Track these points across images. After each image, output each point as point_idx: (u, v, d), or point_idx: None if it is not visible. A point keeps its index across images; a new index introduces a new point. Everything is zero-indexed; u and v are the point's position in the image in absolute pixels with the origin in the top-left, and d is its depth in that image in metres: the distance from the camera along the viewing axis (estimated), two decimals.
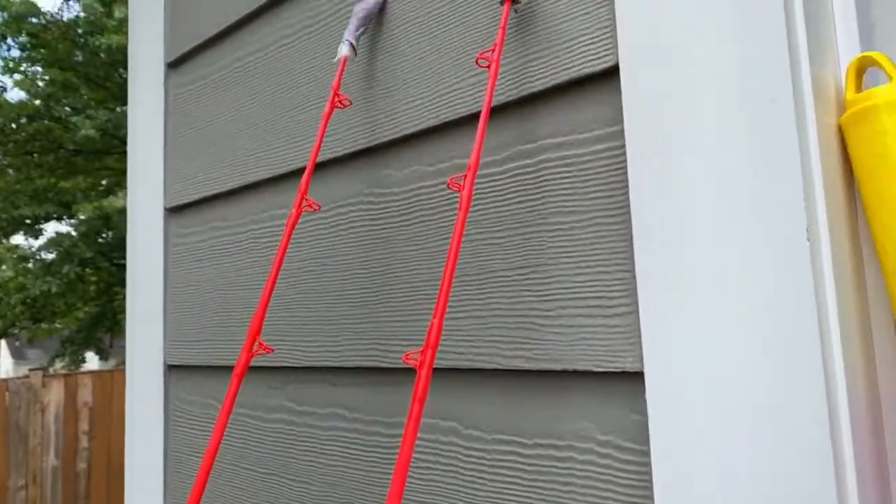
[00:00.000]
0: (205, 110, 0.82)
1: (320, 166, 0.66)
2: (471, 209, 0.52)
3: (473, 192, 0.47)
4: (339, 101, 0.56)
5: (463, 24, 0.54)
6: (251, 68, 0.76)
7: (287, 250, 0.67)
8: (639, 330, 0.42)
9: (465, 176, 0.42)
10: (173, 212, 0.87)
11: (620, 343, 0.43)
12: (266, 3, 0.73)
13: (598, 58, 0.45)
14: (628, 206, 0.43)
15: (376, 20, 0.61)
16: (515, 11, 0.50)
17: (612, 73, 0.45)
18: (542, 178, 0.48)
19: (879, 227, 0.39)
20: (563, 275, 0.46)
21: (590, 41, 0.46)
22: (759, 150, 0.37)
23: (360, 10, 0.59)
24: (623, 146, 0.44)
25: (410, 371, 0.56)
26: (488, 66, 0.46)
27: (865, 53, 0.41)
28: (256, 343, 0.48)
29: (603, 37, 0.45)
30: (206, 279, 0.80)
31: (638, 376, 0.42)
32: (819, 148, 0.38)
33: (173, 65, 0.88)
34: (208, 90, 0.82)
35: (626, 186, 0.43)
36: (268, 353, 0.48)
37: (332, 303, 0.64)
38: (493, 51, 0.46)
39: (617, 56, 0.44)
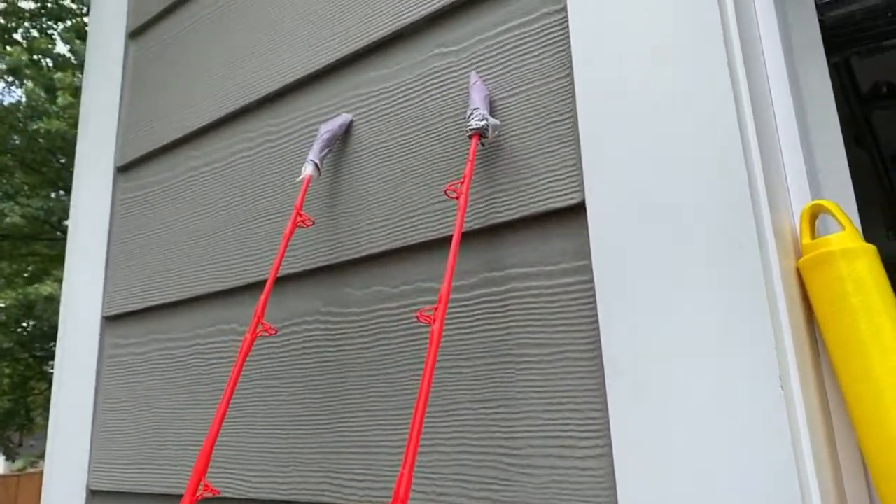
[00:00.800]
0: (154, 217, 0.79)
1: (276, 282, 0.64)
2: None
3: None
4: (302, 221, 0.55)
5: (430, 151, 0.55)
6: (207, 178, 0.74)
7: (229, 368, 0.63)
8: (613, 474, 0.40)
9: (436, 308, 0.41)
10: (111, 320, 0.82)
11: (593, 487, 0.41)
12: (226, 115, 0.73)
13: (565, 194, 0.46)
14: (599, 341, 0.42)
15: (341, 141, 0.62)
16: (482, 145, 0.51)
17: (578, 208, 0.45)
18: (510, 308, 0.48)
19: (842, 363, 0.39)
20: (532, 410, 0.45)
21: (556, 178, 0.47)
22: (728, 294, 0.38)
23: (325, 132, 0.59)
24: (591, 281, 0.44)
25: None
26: (457, 198, 0.47)
27: (818, 201, 0.43)
28: (202, 485, 0.43)
29: (569, 174, 0.46)
30: (144, 395, 0.74)
31: None
32: (784, 290, 0.38)
33: (123, 169, 0.86)
34: (160, 197, 0.79)
35: (596, 321, 0.43)
36: (214, 495, 0.43)
37: (281, 429, 0.60)
38: (462, 183, 0.47)
39: (583, 193, 0.45)
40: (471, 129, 0.48)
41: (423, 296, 0.53)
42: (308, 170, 0.57)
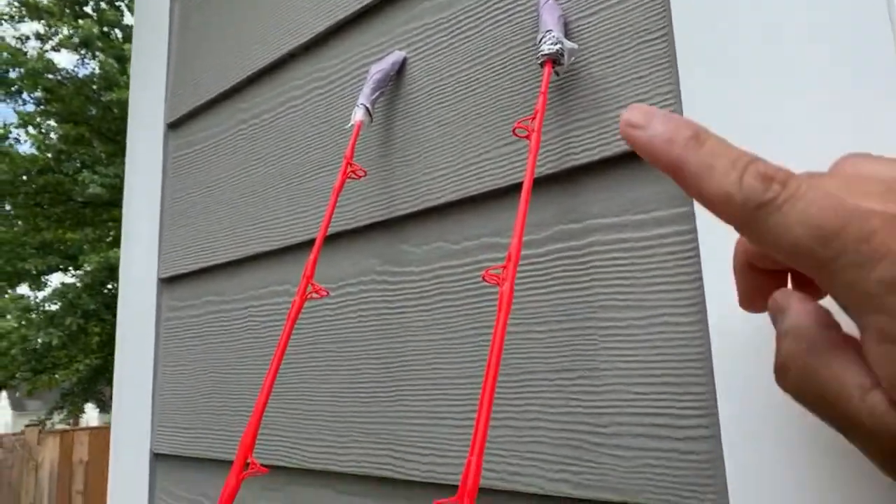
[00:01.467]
0: (205, 174, 0.76)
1: (329, 239, 0.59)
2: None
3: None
4: (353, 172, 0.49)
5: (494, 87, 0.48)
6: (256, 131, 0.70)
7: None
8: (722, 459, 0.34)
9: (506, 267, 0.35)
10: (167, 283, 0.80)
11: (697, 475, 0.35)
12: (272, 63, 0.68)
13: None
14: (703, 303, 0.35)
15: (394, 83, 0.55)
16: (556, 74, 0.43)
17: None
18: (591, 264, 0.41)
19: None
20: (619, 383, 0.38)
21: None
22: None
23: (375, 73, 0.53)
24: (693, 231, 0.36)
25: (431, 486, 0.48)
26: (528, 136, 0.40)
27: None
28: (248, 462, 0.40)
29: (664, 103, 0.38)
30: (200, 359, 0.72)
31: None
32: None
33: (174, 125, 0.83)
34: (209, 153, 0.76)
35: (700, 279, 0.36)
36: (263, 473, 0.39)
37: (338, 397, 0.56)
38: (534, 118, 0.40)
39: None
40: (542, 56, 0.41)
41: (488, 252, 0.47)
42: (358, 115, 0.52)
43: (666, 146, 0.22)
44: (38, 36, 8.19)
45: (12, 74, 7.83)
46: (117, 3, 8.42)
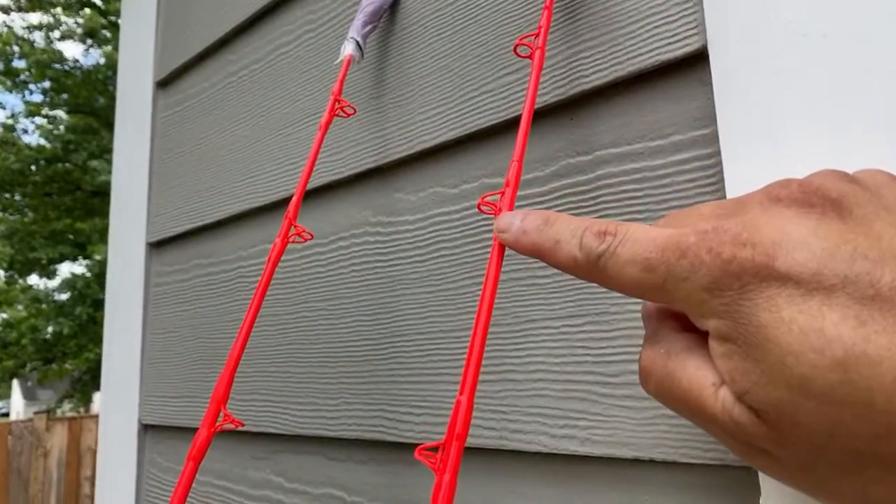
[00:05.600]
0: (193, 132, 0.72)
1: (319, 191, 0.55)
2: None
3: None
4: (341, 108, 0.45)
5: (495, 11, 0.43)
6: (245, 82, 0.66)
7: (273, 292, 0.56)
8: None
9: (503, 194, 0.31)
10: (155, 247, 0.76)
11: None
12: (263, 9, 0.64)
13: (679, 39, 0.34)
14: None
15: (388, 18, 0.51)
16: None
17: (697, 58, 0.34)
18: (601, 199, 0.37)
19: None
20: (631, 328, 0.34)
21: (664, 19, 0.35)
22: None
23: (367, 4, 0.49)
24: (717, 154, 0.32)
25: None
26: (531, 56, 0.36)
27: None
28: (222, 414, 0.36)
29: (684, 12, 0.34)
30: (188, 325, 0.69)
31: (749, 472, 0.29)
32: None
33: (163, 84, 0.79)
34: (198, 110, 0.72)
35: None
36: (237, 427, 0.36)
37: (328, 357, 0.52)
38: (537, 35, 0.36)
39: (704, 35, 0.33)
40: None
41: (489, 192, 0.43)
42: (348, 49, 0.48)
43: (524, 237, 0.26)
44: (45, 26, 8.18)
45: (20, 64, 7.83)
46: None
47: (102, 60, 8.06)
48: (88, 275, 8.01)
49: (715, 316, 0.20)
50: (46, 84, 7.96)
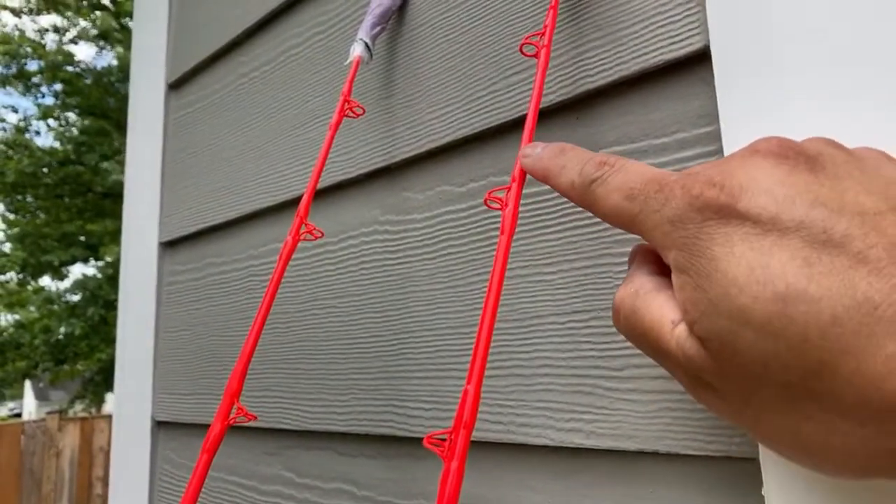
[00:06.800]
0: (205, 133, 0.73)
1: (328, 190, 0.56)
2: (514, 235, 0.41)
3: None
4: (350, 109, 0.46)
5: (502, 12, 0.44)
6: (256, 84, 0.67)
7: (284, 289, 0.57)
8: None
9: (509, 188, 0.32)
10: (168, 246, 0.78)
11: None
12: (274, 11, 0.65)
13: (681, 39, 0.35)
14: None
15: (396, 19, 0.52)
16: None
17: (699, 57, 0.34)
18: None
19: None
20: None
21: (667, 19, 0.35)
22: None
23: (376, 6, 0.50)
24: (719, 151, 0.33)
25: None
26: (536, 55, 0.36)
27: None
28: (235, 407, 0.37)
29: (686, 12, 0.35)
30: (201, 323, 0.70)
31: (752, 463, 0.30)
32: None
33: (175, 86, 0.80)
34: (210, 111, 0.73)
35: None
36: (250, 420, 0.37)
37: (339, 354, 0.53)
38: (543, 34, 0.36)
39: (707, 34, 0.33)
40: None
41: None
42: (357, 50, 0.48)
43: (539, 162, 0.29)
44: (57, 29, 8.26)
45: (32, 67, 7.91)
46: None
47: (115, 63, 8.12)
48: (100, 276, 8.08)
49: (675, 247, 0.21)
50: (58, 86, 8.04)
